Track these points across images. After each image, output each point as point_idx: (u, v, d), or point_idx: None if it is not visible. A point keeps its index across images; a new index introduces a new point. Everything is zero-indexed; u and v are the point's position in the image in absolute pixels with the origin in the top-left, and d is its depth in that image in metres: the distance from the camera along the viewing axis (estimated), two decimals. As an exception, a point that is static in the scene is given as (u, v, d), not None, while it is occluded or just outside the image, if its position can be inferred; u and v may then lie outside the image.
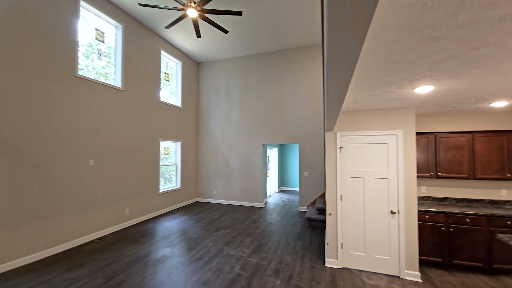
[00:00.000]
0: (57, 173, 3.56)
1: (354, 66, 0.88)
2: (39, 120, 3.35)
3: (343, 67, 0.89)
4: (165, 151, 6.18)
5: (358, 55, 0.78)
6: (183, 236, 4.26)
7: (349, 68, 0.89)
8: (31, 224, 3.24)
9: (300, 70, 6.23)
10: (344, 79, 1.05)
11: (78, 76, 3.87)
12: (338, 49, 0.75)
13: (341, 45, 0.72)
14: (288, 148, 9.81)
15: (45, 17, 3.42)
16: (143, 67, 5.24)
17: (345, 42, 0.70)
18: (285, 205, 6.77)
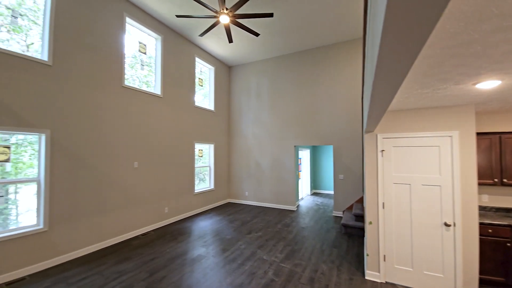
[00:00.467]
0: (108, 174, 3.96)
1: (411, 66, 0.77)
2: (93, 126, 3.75)
3: (396, 68, 0.78)
4: (199, 153, 6.45)
5: (418, 54, 0.67)
6: (216, 236, 4.38)
7: (403, 69, 0.78)
8: (87, 220, 3.64)
9: (335, 67, 5.95)
10: (396, 80, 0.93)
11: (124, 86, 4.25)
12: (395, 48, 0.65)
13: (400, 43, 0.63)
14: (321, 150, 9.46)
15: (97, 34, 3.83)
16: (179, 74, 5.55)
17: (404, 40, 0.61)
18: (319, 209, 6.52)
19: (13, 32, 3.07)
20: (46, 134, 3.19)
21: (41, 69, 3.15)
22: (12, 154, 3.01)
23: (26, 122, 3.01)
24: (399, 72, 0.83)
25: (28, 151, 3.19)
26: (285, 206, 6.49)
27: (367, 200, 2.97)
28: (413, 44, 0.62)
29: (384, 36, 0.61)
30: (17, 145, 3.11)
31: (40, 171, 3.17)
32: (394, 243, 2.82)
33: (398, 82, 0.96)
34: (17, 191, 3.09)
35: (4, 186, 2.94)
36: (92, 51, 3.75)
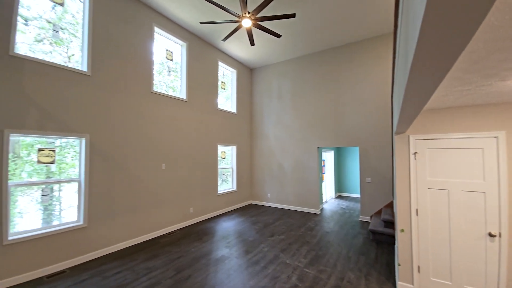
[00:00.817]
0: (139, 175, 4.20)
1: (453, 63, 0.70)
2: (125, 130, 4.02)
3: (436, 65, 0.72)
4: (222, 155, 6.58)
5: (464, 48, 0.61)
6: (239, 238, 4.42)
7: (444, 66, 0.72)
8: (121, 217, 3.90)
9: (360, 65, 5.70)
10: (434, 79, 0.86)
11: (153, 92, 4.50)
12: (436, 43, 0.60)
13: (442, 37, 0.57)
14: (346, 151, 9.11)
15: (129, 44, 4.11)
16: (203, 79, 5.73)
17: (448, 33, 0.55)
18: (344, 213, 6.27)
19: (55, 45, 3.40)
20: (85, 138, 3.49)
21: (81, 79, 3.46)
22: (56, 155, 3.34)
23: (69, 128, 3.31)
24: (439, 70, 0.76)
25: (70, 152, 3.51)
26: (309, 209, 6.34)
27: (398, 205, 2.79)
28: (458, 37, 0.56)
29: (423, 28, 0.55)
30: (61, 147, 3.44)
31: (81, 172, 3.47)
32: (429, 254, 2.61)
33: (436, 81, 0.89)
34: (61, 189, 3.42)
35: (49, 185, 3.27)
36: (124, 60, 4.03)
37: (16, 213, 2.99)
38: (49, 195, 3.23)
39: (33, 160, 3.12)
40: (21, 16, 3.02)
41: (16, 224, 2.96)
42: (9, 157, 2.91)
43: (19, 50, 2.97)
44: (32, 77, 2.97)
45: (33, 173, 3.15)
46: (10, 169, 2.90)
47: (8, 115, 2.77)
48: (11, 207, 2.91)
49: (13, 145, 2.99)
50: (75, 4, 3.57)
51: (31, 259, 2.89)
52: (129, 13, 4.11)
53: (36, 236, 2.94)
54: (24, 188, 3.06)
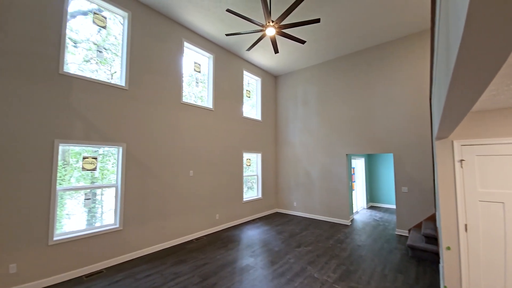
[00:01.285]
0: (169, 181, 4.40)
1: (506, 57, 0.60)
2: (157, 139, 4.27)
3: (485, 61, 0.62)
4: (247, 162, 6.61)
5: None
6: (265, 247, 4.33)
7: (496, 62, 0.61)
8: (152, 222, 4.10)
9: (391, 67, 5.37)
10: (483, 77, 0.74)
11: (182, 103, 4.74)
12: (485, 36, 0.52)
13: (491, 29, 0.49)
14: (378, 158, 8.53)
15: (161, 59, 4.41)
16: (229, 88, 5.89)
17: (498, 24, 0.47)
18: (378, 226, 5.80)
19: (100, 64, 3.80)
20: (123, 147, 3.78)
21: (120, 93, 3.79)
22: (99, 162, 3.66)
23: (109, 137, 3.62)
24: (489, 66, 0.66)
25: (111, 160, 3.83)
26: (338, 220, 6.01)
27: (442, 220, 2.49)
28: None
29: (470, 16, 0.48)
30: (104, 155, 3.77)
31: (118, 178, 3.75)
32: (481, 275, 2.26)
33: (486, 79, 0.77)
34: (103, 193, 3.72)
35: (92, 190, 3.58)
36: (157, 74, 4.33)
37: (64, 215, 3.32)
38: (91, 199, 3.53)
39: (80, 167, 3.46)
40: (71, 39, 3.43)
41: (64, 225, 3.29)
42: (60, 164, 3.27)
43: (69, 69, 3.37)
44: (78, 92, 3.33)
45: (80, 179, 3.49)
46: (61, 175, 3.25)
47: (57, 127, 3.12)
48: (60, 209, 3.24)
49: (63, 154, 3.36)
50: (116, 26, 3.97)
51: (72, 259, 3.16)
52: (161, 31, 4.43)
53: (78, 237, 3.21)
54: (72, 192, 3.39)
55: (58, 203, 3.26)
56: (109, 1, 3.71)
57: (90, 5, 3.65)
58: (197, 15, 4.46)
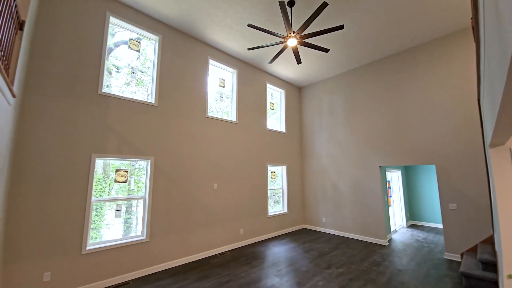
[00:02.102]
0: (193, 194, 4.46)
1: None
2: (183, 152, 4.39)
3: None
4: (272, 175, 6.46)
5: None
6: (291, 266, 4.05)
7: None
8: (177, 235, 4.13)
9: (428, 70, 4.94)
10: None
11: (207, 117, 4.88)
12: None
13: None
14: (418, 170, 7.72)
15: (188, 76, 4.64)
16: (252, 101, 5.94)
17: None
18: (421, 247, 5.11)
19: (138, 86, 4.13)
20: (151, 160, 3.95)
21: (150, 109, 4.03)
22: (134, 175, 3.88)
23: (139, 151, 3.83)
24: None
25: (145, 173, 4.02)
26: (373, 239, 5.44)
27: (503, 242, 2.06)
28: None
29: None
30: (139, 169, 3.98)
31: (146, 190, 3.89)
32: None
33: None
34: (138, 204, 3.89)
35: (129, 201, 3.76)
36: (183, 90, 4.54)
37: (104, 225, 3.54)
38: (121, 210, 3.70)
39: (115, 179, 3.69)
40: (114, 65, 3.84)
41: (103, 234, 3.51)
42: (101, 177, 3.55)
43: (112, 91, 3.73)
44: (114, 110, 3.61)
45: (119, 191, 3.74)
46: (101, 187, 3.50)
47: (94, 141, 3.38)
48: (100, 219, 3.47)
49: (104, 167, 3.63)
50: (151, 49, 4.31)
51: (102, 269, 3.27)
52: (188, 50, 4.70)
53: (108, 248, 3.34)
54: (112, 203, 3.62)
55: (98, 213, 3.49)
56: (143, 28, 4.07)
57: (130, 34, 4.05)
58: (220, 33, 4.66)
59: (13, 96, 2.24)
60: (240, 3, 3.85)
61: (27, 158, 2.83)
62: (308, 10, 4.00)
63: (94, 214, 3.47)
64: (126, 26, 3.97)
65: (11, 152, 2.57)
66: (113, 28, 3.88)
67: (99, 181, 3.63)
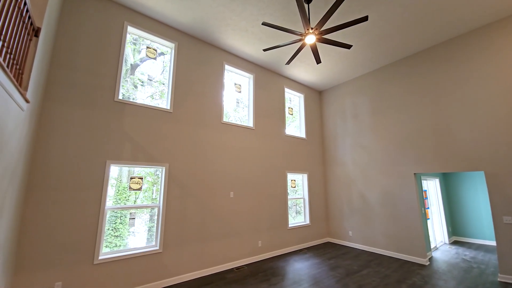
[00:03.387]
0: (209, 203, 4.26)
1: None
2: (197, 159, 4.26)
3: None
4: (292, 183, 6.08)
5: None
6: (314, 285, 3.61)
7: None
8: (191, 246, 3.92)
9: (469, 63, 4.36)
10: None
11: (223, 123, 4.73)
12: None
13: None
14: (459, 178, 6.83)
15: (203, 82, 4.57)
16: (270, 106, 5.72)
17: None
18: (470, 268, 4.35)
19: (161, 98, 4.17)
20: (165, 167, 3.85)
21: (165, 116, 3.98)
22: (145, 183, 3.81)
23: (154, 158, 3.75)
24: None
25: (159, 181, 3.94)
26: (410, 257, 4.77)
27: None
28: None
29: None
30: (158, 176, 3.91)
31: (160, 198, 3.77)
32: None
33: None
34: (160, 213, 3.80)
35: (153, 209, 3.67)
36: (199, 96, 4.47)
37: (130, 232, 3.53)
38: (135, 219, 3.60)
39: (129, 186, 3.63)
40: (140, 80, 3.95)
41: (127, 242, 3.50)
42: (125, 185, 3.56)
43: (137, 100, 3.79)
44: (129, 116, 3.60)
45: (144, 200, 3.74)
46: (126, 195, 3.50)
47: (109, 148, 3.36)
48: (124, 226, 3.44)
49: (129, 175, 3.63)
50: (167, 57, 4.34)
51: (114, 280, 3.14)
52: (204, 56, 4.66)
53: (120, 258, 3.21)
54: (139, 212, 3.61)
55: (122, 222, 3.46)
56: (159, 36, 4.10)
57: (148, 42, 4.11)
58: (236, 37, 4.57)
59: (27, 101, 2.24)
60: (255, 4, 3.71)
61: (43, 165, 2.85)
62: (327, 6, 3.75)
63: (118, 222, 3.44)
64: (143, 34, 4.02)
65: (26, 158, 2.58)
66: (135, 38, 3.99)
67: (124, 190, 3.62)
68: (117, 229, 3.44)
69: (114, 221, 3.45)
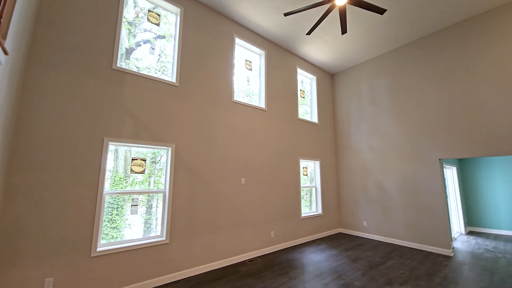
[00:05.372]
0: (220, 189, 3.83)
1: None
2: (207, 141, 3.80)
3: None
4: (304, 171, 5.69)
5: None
6: (339, 279, 3.26)
7: None
8: (201, 237, 3.51)
9: (503, 40, 3.95)
10: None
11: (233, 101, 4.26)
12: None
13: None
14: (476, 165, 6.54)
15: (212, 55, 4.06)
16: (282, 87, 5.25)
17: None
18: (496, 259, 4.07)
19: (161, 73, 3.63)
20: (171, 147, 3.39)
21: (171, 90, 3.48)
22: (148, 165, 3.33)
23: (158, 137, 3.27)
24: None
25: (165, 163, 3.47)
26: (433, 248, 4.47)
27: None
28: None
29: None
30: (159, 155, 3.46)
31: (166, 182, 3.32)
32: None
33: None
34: (158, 205, 3.33)
35: (149, 201, 3.22)
36: (207, 70, 3.97)
37: (126, 224, 3.05)
38: (138, 206, 3.15)
39: (131, 169, 3.16)
40: (136, 66, 3.35)
41: (124, 236, 3.02)
42: (122, 176, 3.07)
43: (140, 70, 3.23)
44: (130, 88, 3.10)
45: (143, 185, 3.25)
46: (122, 186, 2.99)
47: (107, 124, 2.87)
48: (120, 217, 2.98)
49: (125, 164, 3.14)
50: (168, 24, 3.80)
51: (114, 275, 2.71)
52: (212, 27, 4.13)
53: (123, 249, 2.78)
54: (135, 197, 3.13)
55: (119, 213, 3.00)
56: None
57: (147, 4, 3.55)
58: (248, 5, 4.04)
59: (5, 53, 1.75)
60: (276, -42, 3.19)
61: (27, 141, 2.36)
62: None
63: (115, 214, 2.98)
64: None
65: (7, 129, 2.08)
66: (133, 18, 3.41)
67: (120, 180, 3.14)
68: (113, 220, 2.98)
69: (111, 212, 2.98)
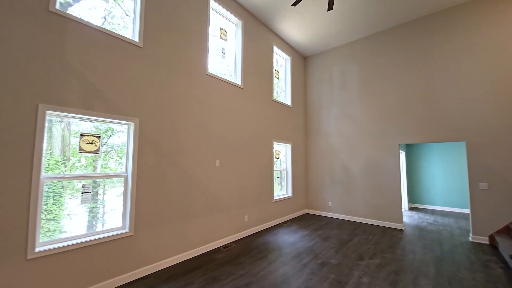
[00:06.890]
0: (192, 172, 3.41)
1: None
2: (178, 117, 3.28)
3: None
4: (276, 154, 5.61)
5: None
6: (316, 258, 3.31)
7: None
8: (171, 225, 3.10)
9: (463, 34, 4.36)
10: None
11: (208, 74, 3.76)
12: None
13: None
14: (418, 150, 7.48)
15: (183, 17, 3.43)
16: (258, 63, 4.90)
17: None
18: (439, 231, 4.76)
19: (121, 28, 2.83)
20: (135, 123, 2.80)
21: (132, 50, 2.81)
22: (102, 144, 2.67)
23: (117, 109, 2.65)
24: None
25: (126, 142, 2.84)
26: (389, 223, 4.97)
27: None
28: None
29: None
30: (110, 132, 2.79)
31: (128, 165, 2.76)
32: None
33: None
34: (105, 192, 2.72)
35: (94, 188, 2.59)
36: (178, 35, 3.35)
37: (64, 215, 2.38)
38: (91, 193, 2.54)
39: (79, 147, 2.48)
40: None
41: (63, 228, 2.35)
42: (59, 159, 2.34)
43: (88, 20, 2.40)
44: (75, 41, 2.36)
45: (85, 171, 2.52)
46: (60, 171, 2.29)
47: (43, 86, 2.14)
48: (59, 208, 2.30)
49: (63, 144, 2.40)
50: (126, -35, 3.00)
51: (62, 279, 2.16)
52: (183, -20, 3.47)
53: (71, 248, 2.22)
54: (72, 189, 2.42)
55: (57, 202, 2.32)
56: None
57: None
58: (228, -39, 3.49)
59: None
60: None
61: None
62: None
63: (51, 203, 2.30)
64: None
65: None
66: None
67: (56, 164, 2.41)
68: (50, 211, 2.33)
69: (46, 201, 2.31)
